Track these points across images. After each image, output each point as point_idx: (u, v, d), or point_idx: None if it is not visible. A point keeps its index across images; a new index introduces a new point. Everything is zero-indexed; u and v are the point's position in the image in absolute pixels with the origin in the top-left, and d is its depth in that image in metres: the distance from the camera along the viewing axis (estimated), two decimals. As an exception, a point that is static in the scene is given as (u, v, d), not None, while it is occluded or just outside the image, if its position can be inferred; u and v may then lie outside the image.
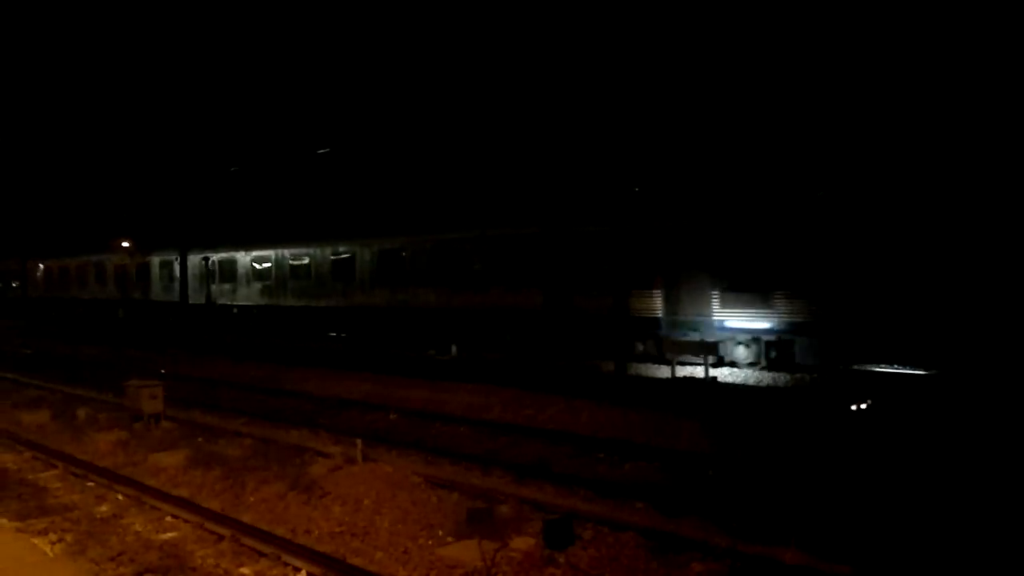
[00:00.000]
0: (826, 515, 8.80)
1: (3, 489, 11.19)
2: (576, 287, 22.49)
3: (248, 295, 34.21)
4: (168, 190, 43.78)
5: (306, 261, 31.46)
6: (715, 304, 19.75)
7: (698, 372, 18.63)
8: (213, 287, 35.95)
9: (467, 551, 8.06)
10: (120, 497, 10.60)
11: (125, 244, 42.01)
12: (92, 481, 11.41)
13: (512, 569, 7.79)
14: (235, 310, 35.03)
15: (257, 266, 33.77)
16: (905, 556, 7.67)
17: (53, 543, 8.77)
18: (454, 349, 24.74)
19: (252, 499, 10.29)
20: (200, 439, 13.91)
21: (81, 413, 16.37)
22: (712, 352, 18.74)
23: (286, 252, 32.36)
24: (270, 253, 33.16)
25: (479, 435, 13.94)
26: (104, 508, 10.24)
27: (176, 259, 37.31)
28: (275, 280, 32.77)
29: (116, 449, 13.41)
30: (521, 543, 8.26)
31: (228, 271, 35.31)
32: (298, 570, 7.82)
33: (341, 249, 30.10)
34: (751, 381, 18.47)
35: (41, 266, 50.46)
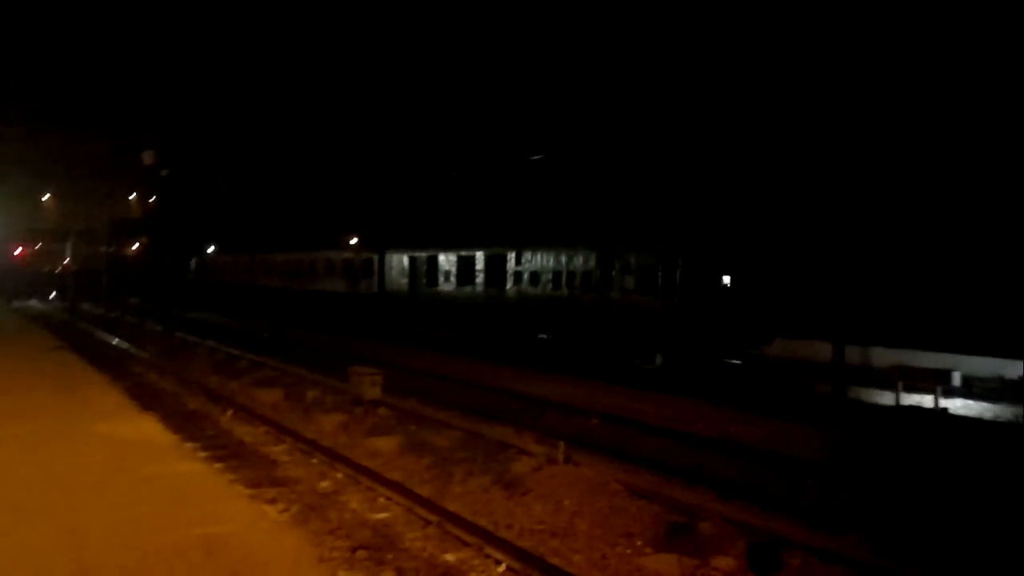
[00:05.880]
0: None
1: (241, 458, 12.32)
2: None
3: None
4: (402, 195, 46.41)
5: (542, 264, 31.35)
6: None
7: (926, 401, 17.25)
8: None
9: (666, 564, 7.92)
10: (339, 475, 11.34)
11: (353, 241, 44.96)
12: (316, 458, 12.28)
13: (712, 588, 7.58)
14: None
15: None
16: None
17: (281, 511, 9.54)
18: (659, 359, 24.38)
19: (458, 489, 10.66)
20: (413, 427, 14.57)
21: (309, 395, 17.64)
22: (944, 380, 17.26)
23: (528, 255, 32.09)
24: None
25: (681, 448, 13.65)
26: (325, 484, 11.00)
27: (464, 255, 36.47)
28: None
29: (338, 430, 14.36)
30: (723, 563, 8.00)
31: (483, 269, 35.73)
32: (499, 563, 7.99)
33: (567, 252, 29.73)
34: (988, 416, 16.87)
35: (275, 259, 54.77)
